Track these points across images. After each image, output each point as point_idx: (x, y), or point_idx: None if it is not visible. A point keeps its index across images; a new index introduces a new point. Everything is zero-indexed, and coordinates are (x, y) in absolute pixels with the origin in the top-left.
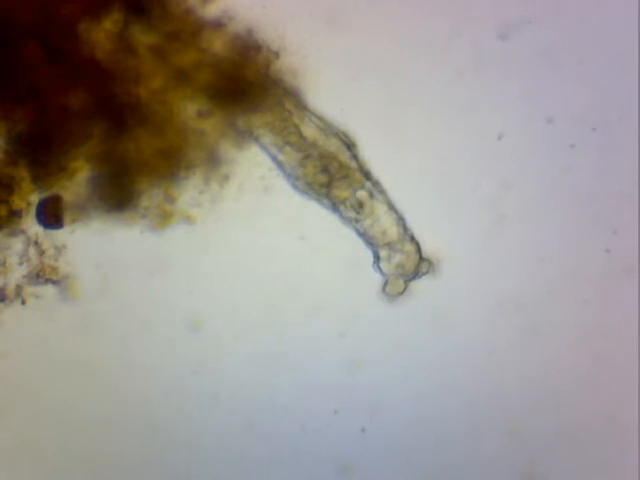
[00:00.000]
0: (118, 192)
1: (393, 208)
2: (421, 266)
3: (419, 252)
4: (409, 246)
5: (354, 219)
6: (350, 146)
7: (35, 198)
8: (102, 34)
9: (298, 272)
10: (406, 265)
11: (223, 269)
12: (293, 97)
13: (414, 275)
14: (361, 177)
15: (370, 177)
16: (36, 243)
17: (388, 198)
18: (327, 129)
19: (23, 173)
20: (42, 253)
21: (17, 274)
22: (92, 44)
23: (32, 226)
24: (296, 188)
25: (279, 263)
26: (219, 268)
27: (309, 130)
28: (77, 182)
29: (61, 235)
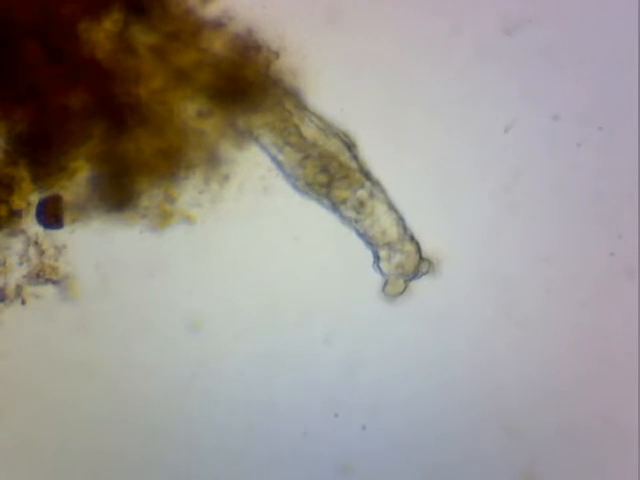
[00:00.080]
0: (118, 192)
1: (393, 208)
2: (421, 266)
3: (419, 252)
4: (409, 246)
5: (354, 219)
6: (350, 146)
7: (35, 198)
8: (102, 34)
9: (298, 272)
10: (406, 265)
11: (223, 269)
12: (293, 97)
13: (414, 275)
14: (361, 177)
15: (370, 177)
16: (36, 243)
17: (388, 198)
18: (327, 129)
19: (23, 173)
20: (42, 253)
21: (17, 274)
22: (92, 44)
23: (32, 226)
24: (296, 188)
25: (279, 263)
26: (219, 268)
27: (309, 130)
28: (77, 182)
29: (61, 235)
